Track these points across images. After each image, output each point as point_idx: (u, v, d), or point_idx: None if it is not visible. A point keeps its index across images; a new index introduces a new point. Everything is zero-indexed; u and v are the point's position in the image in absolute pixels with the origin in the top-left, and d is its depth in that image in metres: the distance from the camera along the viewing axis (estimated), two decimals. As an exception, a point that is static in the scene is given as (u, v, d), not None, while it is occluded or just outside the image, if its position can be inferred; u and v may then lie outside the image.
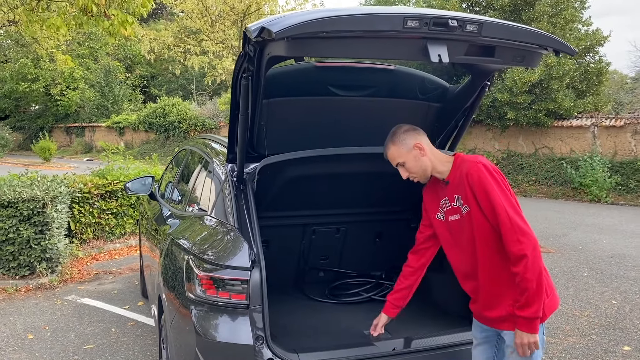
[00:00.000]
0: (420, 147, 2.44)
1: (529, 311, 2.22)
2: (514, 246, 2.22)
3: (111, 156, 9.78)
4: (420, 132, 2.51)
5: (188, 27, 21.10)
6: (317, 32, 2.00)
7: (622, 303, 5.77)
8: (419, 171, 2.47)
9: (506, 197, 2.26)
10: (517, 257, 2.22)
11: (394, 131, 2.51)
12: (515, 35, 2.28)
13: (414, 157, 2.44)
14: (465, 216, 2.38)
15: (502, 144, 16.67)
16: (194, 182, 3.96)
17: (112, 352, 4.57)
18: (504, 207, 2.23)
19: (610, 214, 11.73)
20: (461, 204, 2.38)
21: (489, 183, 2.27)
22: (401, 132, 2.48)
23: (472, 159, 2.37)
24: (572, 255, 7.87)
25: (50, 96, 33.44)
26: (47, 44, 11.56)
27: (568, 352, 4.50)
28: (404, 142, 2.45)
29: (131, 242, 8.36)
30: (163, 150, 25.69)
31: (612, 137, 14.51)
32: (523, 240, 2.20)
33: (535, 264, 2.20)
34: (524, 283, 2.21)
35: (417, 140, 2.45)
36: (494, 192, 2.26)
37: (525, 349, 2.28)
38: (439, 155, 2.50)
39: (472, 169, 2.31)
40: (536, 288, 2.20)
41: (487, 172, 2.29)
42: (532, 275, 2.19)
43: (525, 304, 2.23)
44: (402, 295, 2.76)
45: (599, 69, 15.40)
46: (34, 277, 6.52)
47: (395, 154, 2.48)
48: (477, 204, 2.31)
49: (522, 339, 2.26)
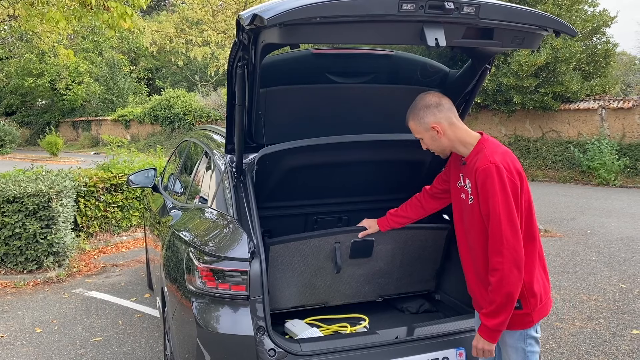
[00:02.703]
0: (437, 129, 2.34)
1: (492, 322, 2.21)
2: (493, 256, 2.19)
3: (116, 149, 9.79)
4: (443, 107, 2.35)
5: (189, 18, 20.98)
6: (311, 17, 1.96)
7: (631, 286, 5.72)
8: (437, 149, 2.42)
9: (506, 206, 2.16)
10: (493, 267, 2.20)
11: (415, 103, 2.40)
12: (513, 16, 2.22)
13: (431, 136, 2.37)
14: (470, 204, 2.34)
15: (509, 128, 16.53)
16: (195, 173, 3.95)
17: (119, 345, 4.59)
18: (499, 216, 2.16)
19: (618, 197, 11.63)
20: (469, 192, 2.33)
21: (494, 189, 2.17)
22: (421, 108, 2.36)
23: (489, 154, 2.24)
24: (580, 239, 7.82)
25: (56, 91, 33.53)
26: (48, 38, 11.54)
27: (576, 336, 4.47)
28: (422, 119, 2.36)
29: (138, 234, 8.39)
30: (169, 143, 25.72)
31: (621, 120, 14.35)
32: (504, 253, 2.15)
33: (509, 280, 2.15)
34: (492, 294, 2.20)
35: (435, 121, 2.33)
36: (495, 199, 2.17)
37: (479, 353, 2.29)
38: (462, 134, 2.36)
39: (482, 168, 2.21)
40: (503, 303, 2.17)
41: (498, 175, 2.17)
42: (502, 291, 2.16)
43: (490, 314, 2.22)
44: (400, 220, 2.89)
45: (606, 51, 15.19)
46: (41, 271, 6.57)
47: (414, 129, 2.43)
48: (479, 202, 2.26)
49: (478, 343, 2.28)
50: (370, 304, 3.34)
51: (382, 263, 3.16)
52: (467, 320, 2.79)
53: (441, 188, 2.72)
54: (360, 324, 3.09)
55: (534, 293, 2.28)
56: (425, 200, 2.80)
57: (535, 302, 2.29)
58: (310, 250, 2.99)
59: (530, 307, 2.28)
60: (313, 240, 2.97)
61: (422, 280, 3.40)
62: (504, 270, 2.15)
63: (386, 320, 3.15)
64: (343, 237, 3.00)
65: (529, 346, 2.32)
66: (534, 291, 2.28)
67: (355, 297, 3.25)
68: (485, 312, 2.24)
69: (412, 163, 3.23)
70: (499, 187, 2.17)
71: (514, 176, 2.21)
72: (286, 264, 2.97)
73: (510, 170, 2.21)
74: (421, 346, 2.67)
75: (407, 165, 3.25)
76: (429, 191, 2.80)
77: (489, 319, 2.22)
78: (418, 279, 3.37)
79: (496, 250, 2.18)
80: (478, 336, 2.28)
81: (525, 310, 2.28)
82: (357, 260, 3.08)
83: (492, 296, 2.20)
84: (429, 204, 2.80)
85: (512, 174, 2.21)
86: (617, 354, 4.15)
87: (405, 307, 3.36)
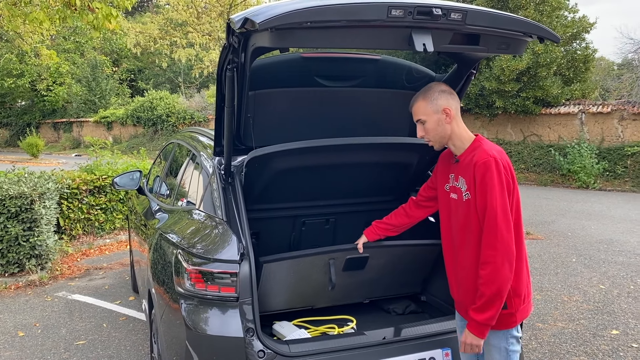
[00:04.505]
0: (448, 113, 2.35)
1: (481, 316, 2.24)
2: (486, 250, 2.23)
3: (99, 151, 9.70)
4: (455, 97, 2.42)
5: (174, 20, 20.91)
6: (302, 22, 1.99)
7: (610, 287, 5.84)
8: (436, 136, 2.40)
9: (502, 201, 2.21)
10: (485, 260, 2.23)
11: (430, 86, 2.42)
12: (499, 23, 2.26)
13: (437, 120, 2.36)
14: (464, 202, 2.35)
15: (491, 132, 16.73)
16: (181, 176, 3.94)
17: (104, 348, 4.56)
18: (495, 210, 2.20)
19: (598, 200, 11.85)
20: (464, 189, 2.35)
21: (493, 182, 2.21)
22: (437, 90, 2.39)
23: (487, 149, 2.29)
24: (561, 242, 7.95)
25: (37, 92, 33.10)
26: (31, 39, 11.40)
27: (557, 337, 4.55)
28: (435, 101, 2.37)
29: (121, 237, 8.32)
30: (152, 144, 25.54)
31: (600, 124, 14.62)
32: (498, 247, 2.19)
33: (500, 274, 2.19)
34: (482, 287, 2.23)
35: (448, 105, 2.36)
36: (493, 193, 2.21)
37: (467, 348, 2.32)
38: (461, 129, 2.40)
39: (481, 161, 2.25)
40: (493, 296, 2.20)
41: (497, 169, 2.22)
42: (492, 284, 2.19)
43: (480, 308, 2.24)
44: (386, 228, 2.91)
45: (585, 56, 15.48)
46: (23, 274, 6.48)
47: (421, 110, 2.40)
48: (475, 196, 2.29)
49: (467, 338, 2.30)
50: (357, 305, 3.37)
51: (373, 273, 3.19)
52: (452, 321, 2.82)
53: (427, 196, 2.75)
54: (348, 325, 3.12)
55: (519, 293, 2.32)
56: (410, 209, 2.84)
57: (519, 302, 2.33)
58: (304, 267, 3.00)
59: (515, 307, 2.32)
60: (308, 258, 2.97)
61: (409, 284, 3.44)
62: (496, 264, 2.19)
63: (373, 321, 3.18)
64: (338, 254, 3.00)
65: (511, 345, 2.36)
66: (519, 291, 2.32)
67: (343, 300, 3.28)
68: (474, 307, 2.26)
69: (399, 165, 3.28)
70: (497, 181, 2.22)
71: (509, 174, 2.27)
72: (278, 278, 2.97)
73: (506, 168, 2.27)
74: (408, 347, 2.70)
75: (394, 167, 3.29)
76: (415, 200, 2.83)
77: (478, 313, 2.25)
78: (406, 283, 3.42)
79: (490, 243, 2.21)
80: (467, 332, 2.31)
81: (510, 310, 2.31)
82: (349, 272, 3.11)
83: (482, 289, 2.22)
84: (414, 212, 2.82)
85: (507, 172, 2.27)
86: (597, 353, 4.24)
87: (392, 308, 3.40)
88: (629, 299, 5.45)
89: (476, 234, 2.30)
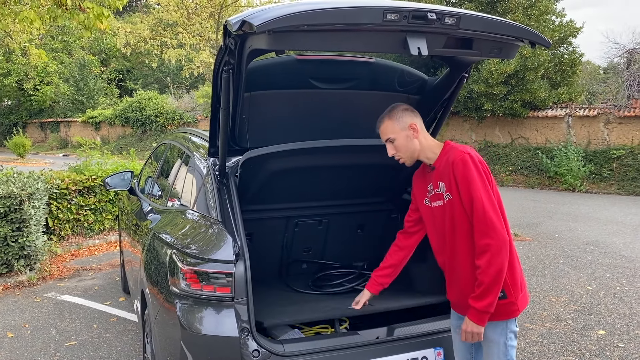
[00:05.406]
0: (414, 128, 2.46)
1: (481, 304, 2.29)
2: (480, 239, 2.28)
3: (88, 151, 9.65)
4: (418, 114, 2.53)
5: (164, 20, 20.83)
6: (299, 25, 2.02)
7: (597, 288, 5.92)
8: (407, 152, 2.49)
9: (486, 191, 2.30)
10: (481, 250, 2.28)
11: (393, 107, 2.53)
12: (492, 27, 2.31)
13: (406, 136, 2.46)
14: (447, 204, 2.42)
15: (479, 134, 16.87)
16: (174, 176, 3.95)
17: (94, 348, 4.54)
18: (481, 200, 2.28)
19: (584, 202, 11.99)
20: (444, 191, 2.42)
21: (472, 174, 2.31)
22: (400, 110, 2.50)
23: (460, 148, 2.40)
24: (548, 243, 8.04)
25: (24, 91, 32.73)
26: (20, 38, 11.29)
27: (545, 337, 4.62)
28: (400, 119, 2.47)
29: (110, 237, 8.28)
30: (140, 145, 25.39)
31: (586, 127, 14.80)
32: (491, 234, 2.26)
33: (497, 260, 2.25)
34: (481, 276, 2.28)
35: (413, 121, 2.47)
36: (475, 184, 2.30)
37: (468, 337, 2.37)
38: (429, 140, 2.52)
39: (458, 158, 2.34)
40: (492, 283, 2.26)
41: (473, 163, 2.33)
42: (491, 270, 2.25)
43: (479, 296, 2.29)
44: (386, 272, 2.80)
45: (572, 60, 15.67)
46: (12, 275, 6.43)
47: (389, 129, 2.49)
48: (459, 194, 2.35)
49: (468, 326, 2.35)
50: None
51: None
52: (444, 321, 2.86)
53: (413, 219, 2.74)
54: (341, 325, 3.15)
55: (515, 282, 2.39)
56: (401, 241, 2.80)
57: (517, 290, 2.40)
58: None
59: (514, 296, 2.38)
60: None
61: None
62: (492, 251, 2.25)
63: (366, 321, 3.20)
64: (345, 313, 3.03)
65: (509, 340, 2.41)
66: (514, 280, 2.38)
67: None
68: (474, 296, 2.31)
69: (392, 167, 3.30)
70: (476, 173, 2.32)
71: (485, 168, 2.37)
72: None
73: (481, 162, 2.38)
74: (401, 346, 2.74)
75: (387, 169, 3.32)
76: (402, 231, 2.81)
77: (477, 301, 2.29)
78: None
79: (483, 232, 2.27)
80: (467, 320, 2.35)
81: (510, 299, 2.37)
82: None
83: (480, 278, 2.27)
84: (406, 243, 2.78)
85: (483, 165, 2.37)
86: (584, 353, 4.30)
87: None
88: (615, 300, 5.53)
89: (466, 230, 2.36)
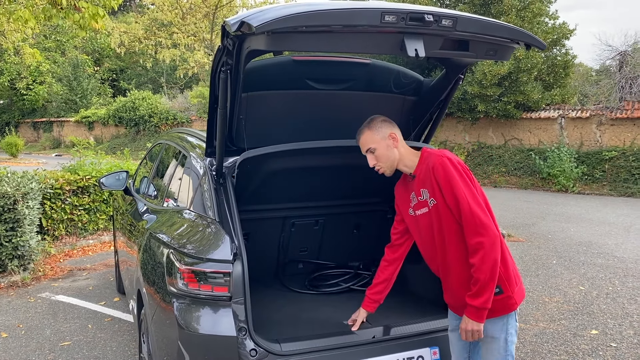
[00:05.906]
0: (394, 137, 2.52)
1: (478, 301, 2.31)
2: (472, 238, 2.31)
3: (82, 151, 9.61)
4: (395, 125, 2.59)
5: (159, 20, 20.79)
6: (298, 26, 2.03)
7: (590, 289, 5.97)
8: (387, 161, 2.53)
9: (469, 190, 2.34)
10: (474, 248, 2.30)
11: (372, 118, 2.58)
12: (488, 29, 2.34)
13: (386, 145, 2.51)
14: (432, 209, 2.45)
15: (473, 135, 16.94)
16: (170, 176, 3.95)
17: (89, 349, 4.53)
18: (466, 200, 2.31)
19: (577, 203, 12.07)
20: (428, 197, 2.45)
21: (454, 177, 2.34)
22: (379, 120, 2.55)
23: (437, 152, 2.45)
24: (541, 244, 8.09)
25: (16, 90, 32.57)
26: (13, 37, 11.24)
27: (539, 337, 4.65)
28: (380, 129, 2.52)
29: (104, 238, 8.25)
30: (133, 145, 25.32)
31: (579, 129, 14.90)
32: (482, 232, 2.28)
33: (491, 257, 2.28)
34: (477, 273, 2.30)
35: (392, 130, 2.53)
36: (458, 186, 2.33)
37: (468, 335, 2.39)
38: (408, 149, 2.57)
39: (437, 163, 2.39)
40: (488, 279, 2.28)
41: (452, 165, 2.37)
42: (486, 267, 2.27)
43: (476, 294, 2.32)
44: (379, 289, 2.82)
45: (565, 62, 15.78)
46: (5, 275, 6.40)
47: (369, 139, 2.53)
48: (443, 197, 2.38)
49: (467, 325, 2.37)
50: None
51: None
52: (440, 320, 2.89)
53: (399, 231, 2.75)
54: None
55: (509, 276, 2.42)
56: (389, 255, 2.81)
57: (512, 284, 2.42)
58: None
59: (510, 289, 2.41)
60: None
61: None
62: (486, 248, 2.28)
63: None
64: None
65: (510, 336, 2.45)
66: (507, 274, 2.41)
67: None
68: (470, 294, 2.33)
69: None
70: (457, 174, 2.36)
71: (464, 168, 2.41)
72: None
73: (460, 163, 2.42)
74: (397, 345, 2.76)
75: None
76: (390, 245, 2.81)
77: (475, 298, 2.32)
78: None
79: (473, 231, 2.30)
80: (466, 319, 2.37)
81: (507, 294, 2.40)
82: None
83: (476, 275, 2.30)
84: (394, 256, 2.79)
85: (462, 166, 2.41)
86: (577, 352, 4.34)
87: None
88: (607, 300, 5.58)
89: (455, 232, 2.39)
